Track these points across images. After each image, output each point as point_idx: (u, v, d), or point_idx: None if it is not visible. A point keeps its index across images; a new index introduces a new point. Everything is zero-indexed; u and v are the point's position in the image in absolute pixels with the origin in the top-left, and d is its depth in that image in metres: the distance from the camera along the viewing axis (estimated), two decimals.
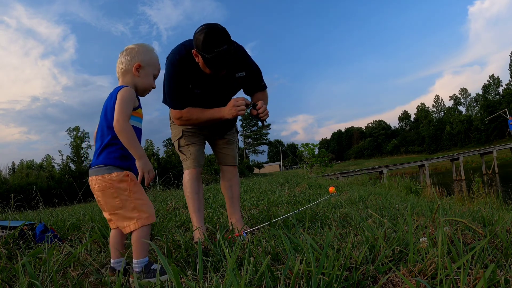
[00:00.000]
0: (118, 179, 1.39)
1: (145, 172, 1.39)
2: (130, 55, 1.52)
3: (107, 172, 1.40)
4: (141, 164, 1.39)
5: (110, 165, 1.40)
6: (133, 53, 1.52)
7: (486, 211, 2.21)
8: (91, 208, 4.79)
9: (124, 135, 1.36)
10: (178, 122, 2.18)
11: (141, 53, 1.53)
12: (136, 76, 1.52)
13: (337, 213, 2.72)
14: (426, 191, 7.94)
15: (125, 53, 1.54)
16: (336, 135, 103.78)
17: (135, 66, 1.51)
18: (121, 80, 1.55)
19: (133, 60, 1.51)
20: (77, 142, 29.90)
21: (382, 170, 21.23)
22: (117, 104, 1.39)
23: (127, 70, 1.52)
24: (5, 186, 18.66)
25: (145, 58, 1.54)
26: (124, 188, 1.40)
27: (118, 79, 1.57)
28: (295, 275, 1.10)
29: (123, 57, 1.53)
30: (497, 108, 52.55)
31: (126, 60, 1.52)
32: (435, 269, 1.16)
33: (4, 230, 2.21)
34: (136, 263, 1.41)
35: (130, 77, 1.52)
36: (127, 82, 1.52)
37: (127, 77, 1.53)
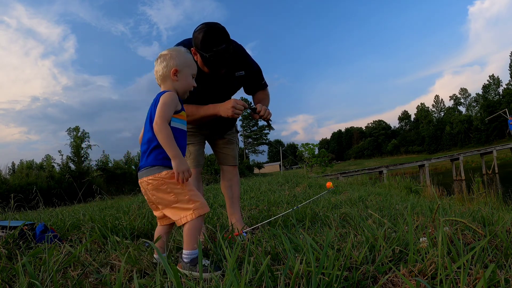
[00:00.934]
0: (168, 176, 1.47)
1: (180, 172, 1.44)
2: (165, 62, 1.57)
3: (157, 171, 1.48)
4: (175, 164, 1.44)
5: (159, 165, 1.48)
6: (167, 59, 1.58)
7: (486, 211, 2.21)
8: (91, 208, 4.79)
9: (161, 135, 1.44)
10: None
11: (174, 58, 1.58)
12: (175, 81, 1.58)
13: (337, 213, 2.72)
14: (426, 191, 7.94)
15: (159, 60, 1.59)
16: (336, 135, 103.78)
17: (172, 71, 1.56)
18: (162, 86, 1.61)
19: (169, 66, 1.57)
20: (77, 142, 29.87)
21: (382, 170, 21.23)
22: (158, 107, 1.47)
23: (166, 76, 1.58)
24: (5, 186, 18.66)
25: (180, 61, 1.58)
26: (176, 182, 1.47)
27: (159, 86, 1.63)
28: (295, 275, 1.10)
29: (159, 64, 1.59)
30: (497, 108, 52.56)
31: (163, 67, 1.57)
32: (435, 269, 1.16)
33: (4, 230, 2.21)
34: (186, 254, 1.44)
35: (170, 82, 1.58)
36: (168, 87, 1.59)
37: (167, 82, 1.59)
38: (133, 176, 29.30)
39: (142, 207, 4.26)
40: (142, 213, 3.19)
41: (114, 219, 2.75)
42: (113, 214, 3.24)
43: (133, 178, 28.63)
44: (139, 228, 2.42)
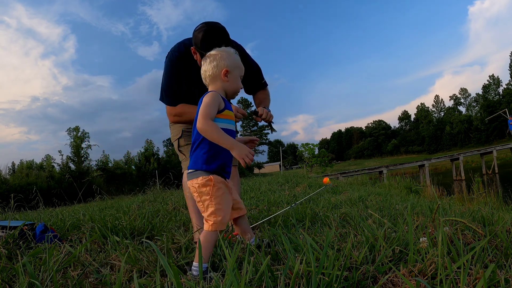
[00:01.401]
0: (201, 184, 1.47)
1: (243, 157, 1.40)
2: (215, 62, 1.58)
3: (195, 177, 1.49)
4: (236, 152, 1.41)
5: (197, 170, 1.49)
6: (218, 59, 1.58)
7: (486, 211, 2.21)
8: (91, 208, 4.79)
9: (207, 132, 1.42)
10: (171, 118, 2.17)
11: (225, 58, 1.58)
12: (225, 81, 1.59)
13: (337, 213, 2.72)
14: (426, 191, 7.94)
15: (209, 60, 1.59)
16: (336, 135, 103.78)
17: (223, 72, 1.57)
18: (210, 87, 1.61)
19: (219, 66, 1.57)
20: (77, 142, 29.84)
21: (382, 170, 21.23)
22: (200, 107, 1.48)
23: (216, 76, 1.58)
24: (5, 186, 18.65)
25: (230, 62, 1.59)
26: (206, 192, 1.47)
27: (207, 86, 1.63)
28: (295, 275, 1.10)
29: (208, 64, 1.59)
30: (497, 108, 52.55)
31: (213, 67, 1.57)
32: (435, 269, 1.16)
33: (4, 230, 2.21)
34: (195, 267, 1.41)
35: (220, 82, 1.59)
36: (217, 87, 1.59)
37: (216, 82, 1.59)
38: (133, 176, 29.29)
39: (142, 207, 4.27)
40: (142, 213, 3.19)
41: (114, 219, 2.75)
42: (113, 214, 3.24)
43: (133, 178, 28.62)
44: (139, 228, 2.42)
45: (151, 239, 2.16)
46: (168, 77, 2.05)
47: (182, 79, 2.05)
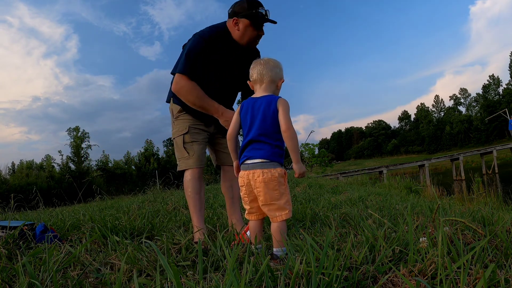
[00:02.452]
0: (281, 174, 1.62)
1: (300, 174, 1.66)
2: (277, 69, 1.73)
3: (273, 166, 1.61)
4: (298, 167, 1.65)
5: (275, 162, 1.62)
6: (280, 67, 1.75)
7: (486, 211, 2.21)
8: (91, 208, 4.79)
9: (292, 142, 1.61)
10: (175, 88, 2.08)
11: (282, 70, 1.77)
12: (278, 89, 1.77)
13: (337, 213, 2.72)
14: (426, 191, 7.94)
15: (272, 64, 1.72)
16: (336, 135, 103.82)
17: (281, 81, 1.76)
18: (263, 88, 1.72)
19: (279, 75, 1.74)
20: (77, 142, 29.85)
21: (382, 170, 21.24)
22: (284, 115, 1.61)
23: (274, 82, 1.73)
24: (5, 186, 18.67)
25: (283, 75, 1.78)
26: (283, 182, 1.62)
27: (257, 85, 1.74)
28: (295, 275, 1.10)
29: (272, 68, 1.71)
30: (497, 108, 52.59)
31: (275, 73, 1.72)
32: (435, 269, 1.16)
33: (4, 230, 2.21)
34: (278, 251, 1.56)
35: (274, 88, 1.74)
36: (271, 91, 1.72)
37: (272, 87, 1.73)
38: (133, 176, 29.28)
39: (142, 207, 4.27)
40: (142, 213, 3.19)
41: (114, 219, 2.75)
42: (113, 214, 3.24)
43: (133, 178, 28.62)
44: (139, 228, 2.42)
45: (151, 239, 2.16)
46: (195, 49, 2.04)
47: (207, 59, 2.08)
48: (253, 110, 1.68)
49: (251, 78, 1.75)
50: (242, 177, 1.66)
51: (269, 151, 1.62)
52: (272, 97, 1.67)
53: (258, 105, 1.67)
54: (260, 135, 1.63)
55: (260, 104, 1.67)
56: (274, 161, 1.61)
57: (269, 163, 1.60)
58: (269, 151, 1.61)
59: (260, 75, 1.71)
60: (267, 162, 1.60)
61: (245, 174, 1.64)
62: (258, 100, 1.69)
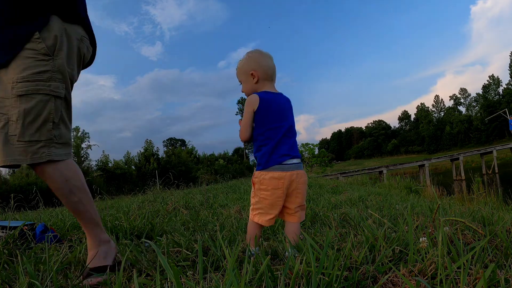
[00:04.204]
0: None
1: None
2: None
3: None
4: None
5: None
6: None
7: (486, 211, 2.21)
8: None
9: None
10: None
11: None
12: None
13: (337, 213, 2.72)
14: (426, 191, 7.94)
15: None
16: (336, 135, 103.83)
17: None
18: (273, 84, 1.66)
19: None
20: (77, 142, 29.84)
21: (382, 170, 21.24)
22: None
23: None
24: (5, 186, 18.67)
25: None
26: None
27: (268, 80, 1.64)
28: (295, 275, 1.10)
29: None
30: (497, 108, 52.61)
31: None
32: (435, 269, 1.16)
33: (4, 230, 2.21)
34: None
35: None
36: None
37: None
38: (133, 176, 29.30)
39: (142, 207, 4.27)
40: (142, 213, 3.19)
41: (114, 219, 2.75)
42: (113, 214, 3.24)
43: (133, 178, 28.63)
44: (139, 228, 2.42)
45: (151, 239, 2.16)
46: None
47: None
48: (279, 105, 1.57)
49: (268, 71, 1.60)
50: (283, 178, 1.50)
51: (297, 151, 1.61)
52: (284, 96, 1.64)
53: (282, 101, 1.60)
54: (294, 133, 1.59)
55: (284, 100, 1.61)
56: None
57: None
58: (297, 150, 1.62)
59: (273, 75, 1.63)
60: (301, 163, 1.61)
61: (288, 175, 1.51)
62: (277, 96, 1.59)
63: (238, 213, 3.26)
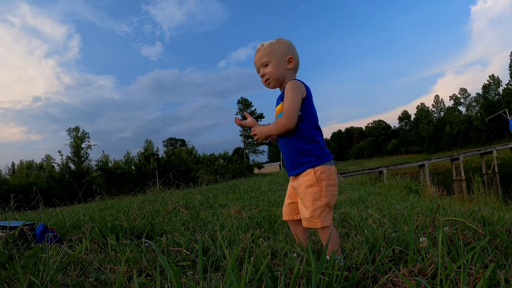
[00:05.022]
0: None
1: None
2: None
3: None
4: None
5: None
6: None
7: (486, 211, 2.21)
8: (91, 208, 4.79)
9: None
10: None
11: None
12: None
13: (337, 213, 2.72)
14: (426, 191, 7.93)
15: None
16: (336, 135, 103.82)
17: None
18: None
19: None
20: (77, 142, 29.79)
21: (382, 170, 21.23)
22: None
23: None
24: (5, 186, 18.65)
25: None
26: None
27: (295, 74, 1.56)
28: (295, 275, 1.10)
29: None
30: (497, 108, 52.59)
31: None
32: (435, 269, 1.16)
33: (4, 230, 2.21)
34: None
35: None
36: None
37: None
38: (133, 176, 29.29)
39: (142, 207, 4.27)
40: (142, 213, 3.19)
41: (114, 219, 2.75)
42: (113, 214, 3.24)
43: (133, 178, 28.62)
44: (139, 228, 2.42)
45: (151, 239, 2.16)
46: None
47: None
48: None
49: (298, 63, 1.54)
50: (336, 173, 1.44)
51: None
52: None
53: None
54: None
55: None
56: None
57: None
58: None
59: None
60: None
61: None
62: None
63: (238, 213, 3.26)
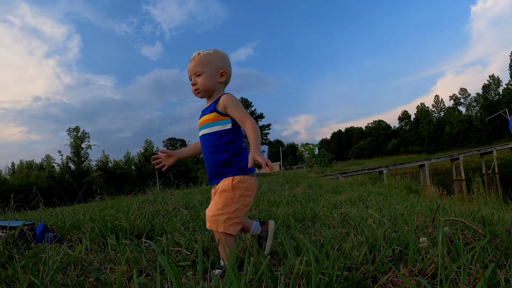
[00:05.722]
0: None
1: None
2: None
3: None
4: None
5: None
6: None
7: (486, 211, 2.21)
8: (91, 208, 4.79)
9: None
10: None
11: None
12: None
13: (337, 213, 2.72)
14: (426, 191, 7.93)
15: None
16: (336, 135, 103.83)
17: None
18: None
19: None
20: (77, 142, 29.80)
21: (382, 170, 21.24)
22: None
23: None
24: (5, 186, 18.66)
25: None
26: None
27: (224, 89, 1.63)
28: (295, 275, 1.10)
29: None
30: (497, 108, 52.59)
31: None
32: (435, 269, 1.16)
33: (4, 230, 2.21)
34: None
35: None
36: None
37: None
38: (133, 176, 29.29)
39: (142, 207, 4.27)
40: (142, 213, 3.19)
41: (114, 219, 2.75)
42: (113, 214, 3.24)
43: (133, 178, 28.62)
44: (139, 228, 2.42)
45: (151, 239, 2.16)
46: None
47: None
48: None
49: (230, 78, 1.60)
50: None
51: None
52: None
53: None
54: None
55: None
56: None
57: None
58: None
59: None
60: None
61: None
62: None
63: None
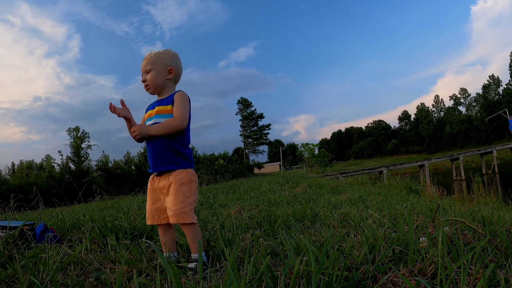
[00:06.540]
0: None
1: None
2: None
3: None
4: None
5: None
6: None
7: (486, 211, 2.21)
8: (91, 208, 4.79)
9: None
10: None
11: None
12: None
13: (337, 213, 2.72)
14: (426, 191, 7.93)
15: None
16: (336, 135, 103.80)
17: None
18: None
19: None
20: (77, 142, 29.77)
21: (382, 170, 21.23)
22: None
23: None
24: (5, 186, 18.65)
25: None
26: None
27: (175, 87, 1.74)
28: (295, 275, 1.10)
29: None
30: (497, 108, 52.58)
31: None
32: (435, 269, 1.16)
33: (4, 230, 2.21)
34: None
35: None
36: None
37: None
38: (133, 176, 29.28)
39: (142, 207, 4.27)
40: (142, 213, 3.19)
41: (114, 219, 2.75)
42: (113, 214, 3.24)
43: (133, 178, 28.61)
44: (139, 228, 2.42)
45: (151, 239, 2.16)
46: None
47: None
48: None
49: (180, 76, 1.70)
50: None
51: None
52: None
53: None
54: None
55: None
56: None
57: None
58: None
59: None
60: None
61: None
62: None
63: (238, 213, 3.26)
